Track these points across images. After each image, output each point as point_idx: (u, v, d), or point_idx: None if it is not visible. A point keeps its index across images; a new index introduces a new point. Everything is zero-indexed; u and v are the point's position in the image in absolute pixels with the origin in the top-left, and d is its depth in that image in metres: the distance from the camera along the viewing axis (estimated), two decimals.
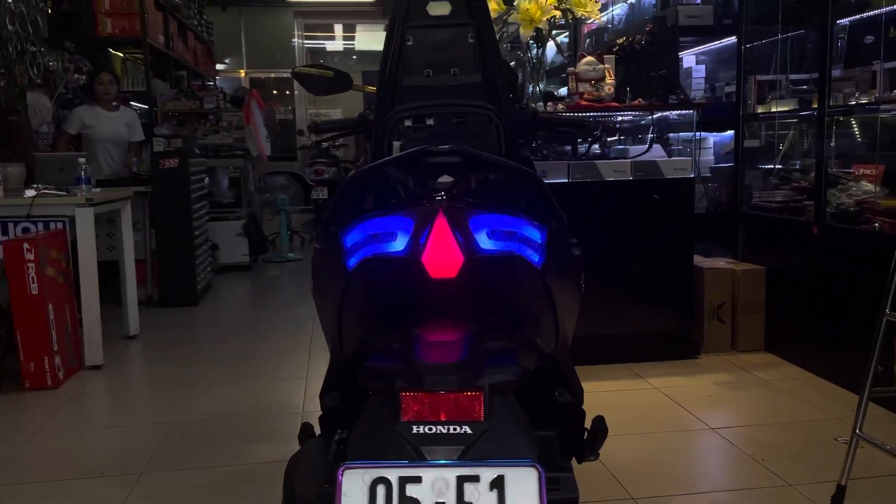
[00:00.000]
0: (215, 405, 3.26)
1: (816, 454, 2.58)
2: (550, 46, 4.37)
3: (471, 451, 0.96)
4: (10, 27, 5.00)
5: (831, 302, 3.33)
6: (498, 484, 0.92)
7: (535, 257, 1.10)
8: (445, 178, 1.10)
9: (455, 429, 0.96)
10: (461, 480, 0.93)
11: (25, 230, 3.82)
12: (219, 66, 10.50)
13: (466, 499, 0.91)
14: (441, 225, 1.03)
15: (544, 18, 3.35)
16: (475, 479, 0.93)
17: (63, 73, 5.66)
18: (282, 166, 8.76)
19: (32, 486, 2.49)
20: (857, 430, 2.08)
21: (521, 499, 0.91)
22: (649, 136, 3.95)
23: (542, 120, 1.97)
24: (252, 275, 6.62)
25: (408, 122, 1.84)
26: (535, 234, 1.10)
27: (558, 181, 3.55)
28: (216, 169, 6.54)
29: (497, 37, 2.19)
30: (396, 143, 1.88)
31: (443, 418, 0.96)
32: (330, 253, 1.12)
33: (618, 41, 4.11)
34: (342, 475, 0.92)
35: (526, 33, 3.41)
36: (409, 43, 1.84)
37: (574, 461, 1.49)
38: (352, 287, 1.07)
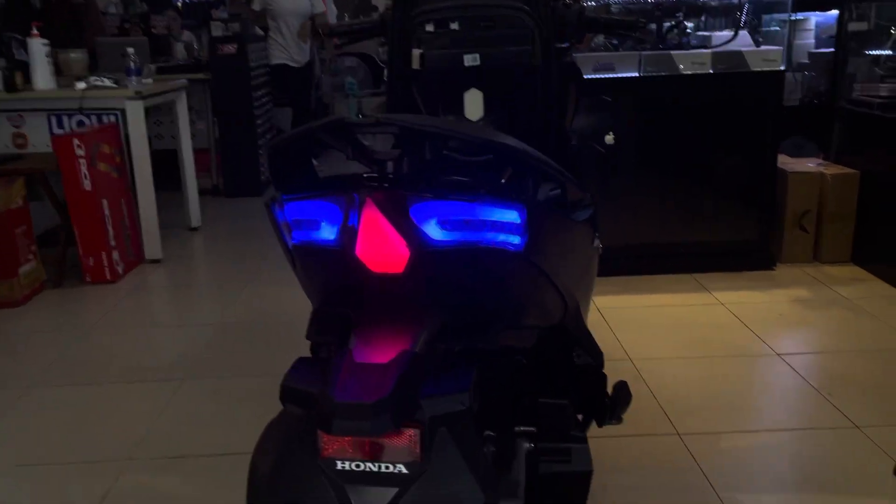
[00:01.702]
0: (265, 307, 3.24)
1: (893, 390, 2.34)
2: None
3: (406, 496, 0.81)
4: None
5: None
6: None
7: (515, 240, 0.89)
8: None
9: (388, 467, 0.80)
10: None
11: (80, 123, 3.80)
12: None
13: None
14: (371, 217, 0.84)
15: None
16: None
17: None
18: (352, 47, 8.45)
19: (78, 390, 2.54)
20: None
21: None
22: (742, 17, 3.49)
23: (588, 19, 1.69)
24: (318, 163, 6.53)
25: (429, 27, 1.61)
26: (509, 216, 0.89)
27: (628, 75, 3.21)
28: None
29: None
30: (416, 52, 1.66)
31: (371, 457, 0.81)
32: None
33: None
34: None
35: None
36: None
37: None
38: (295, 269, 0.92)
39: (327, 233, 0.88)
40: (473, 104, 1.72)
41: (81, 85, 3.71)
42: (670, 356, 2.61)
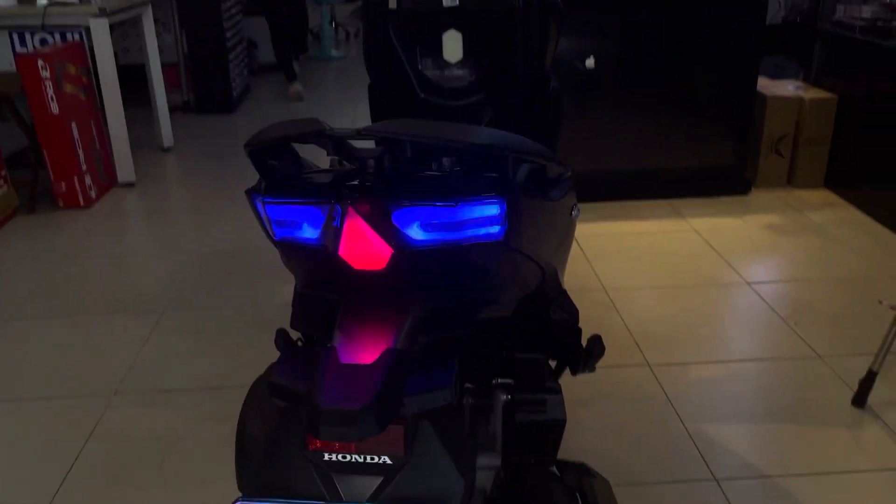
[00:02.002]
0: (243, 234, 3.23)
1: (856, 320, 2.43)
2: None
3: (390, 485, 0.85)
4: None
5: None
6: None
7: (494, 230, 0.90)
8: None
9: (373, 458, 0.84)
10: None
11: (43, 41, 3.65)
12: None
13: None
14: (353, 225, 0.84)
15: None
16: None
17: None
18: None
19: (58, 322, 2.56)
20: None
21: None
22: None
23: None
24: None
25: None
26: (489, 210, 0.89)
27: None
28: None
29: None
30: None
31: (357, 451, 0.84)
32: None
33: None
34: None
35: None
36: None
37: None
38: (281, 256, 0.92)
39: (310, 233, 0.88)
40: (452, 46, 1.69)
41: (43, 1, 3.55)
42: (644, 286, 2.67)
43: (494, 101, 1.69)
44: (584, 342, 1.38)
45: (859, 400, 2.01)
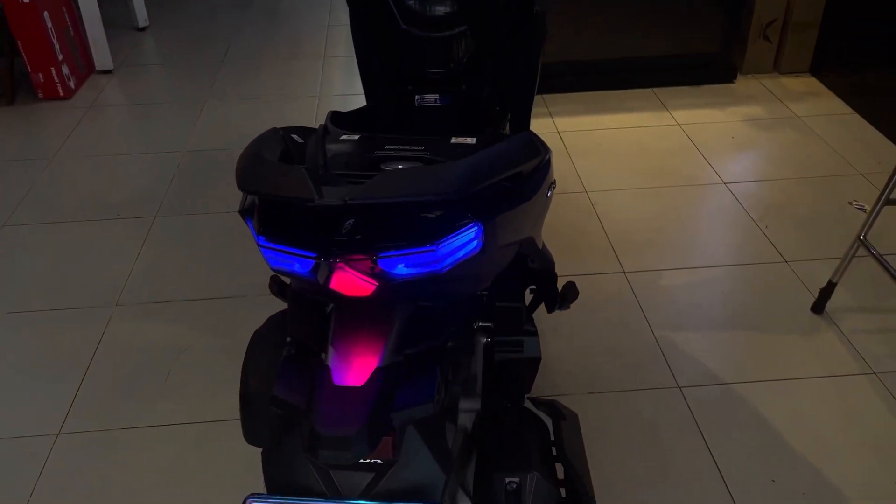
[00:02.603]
0: (227, 129, 3.23)
1: (825, 222, 2.53)
2: None
3: (381, 482, 0.97)
4: None
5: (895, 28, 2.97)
6: None
7: (473, 245, 0.96)
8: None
9: (366, 460, 0.95)
10: None
11: None
12: None
13: None
14: (342, 275, 0.90)
15: None
16: None
17: None
18: None
19: (50, 229, 2.62)
20: (862, 237, 2.00)
21: None
22: None
23: None
24: None
25: None
26: (468, 236, 0.95)
27: None
28: None
29: None
30: None
31: None
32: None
33: None
34: None
35: None
36: None
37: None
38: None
39: (300, 268, 0.94)
40: None
41: None
42: (623, 187, 2.74)
43: (477, 30, 1.68)
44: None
45: (818, 307, 2.16)
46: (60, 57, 3.46)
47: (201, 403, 1.92)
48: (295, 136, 1.19)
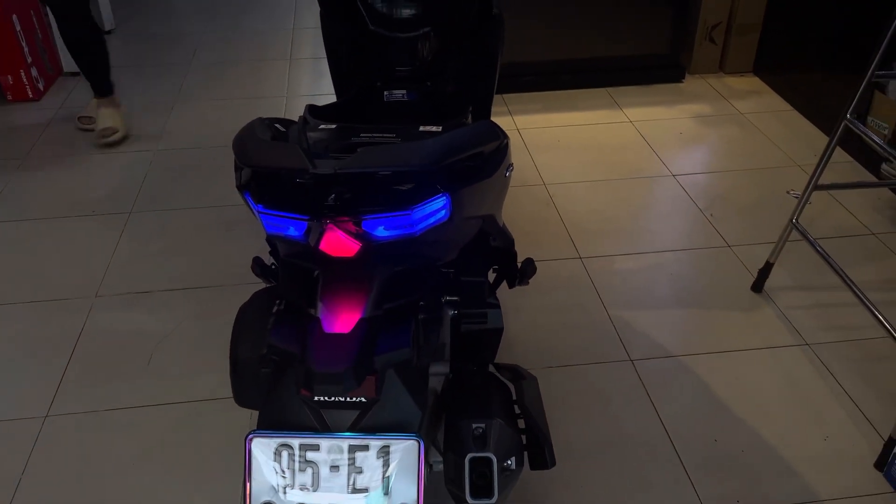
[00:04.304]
0: (197, 128, 3.32)
1: (765, 210, 2.72)
2: None
3: (364, 419, 1.11)
4: None
5: (830, 30, 3.19)
6: (384, 453, 1.08)
7: (441, 214, 1.10)
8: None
9: (351, 398, 1.09)
10: (353, 449, 1.08)
11: None
12: None
13: (357, 464, 1.08)
14: (332, 235, 1.03)
15: None
16: (365, 447, 1.08)
17: None
18: None
19: (27, 226, 2.69)
20: (794, 220, 2.18)
21: (403, 465, 1.08)
22: None
23: None
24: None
25: None
26: (437, 205, 1.09)
27: None
28: None
29: None
30: None
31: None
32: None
33: None
34: (251, 443, 1.07)
35: None
36: None
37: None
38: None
39: (295, 231, 1.07)
40: None
41: None
42: (579, 180, 2.91)
43: (441, 31, 1.82)
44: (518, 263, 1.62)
45: (757, 286, 2.34)
46: (29, 59, 3.51)
47: (184, 384, 2.03)
48: (278, 126, 1.31)
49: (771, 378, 2.04)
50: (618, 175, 2.94)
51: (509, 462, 1.19)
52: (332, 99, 1.96)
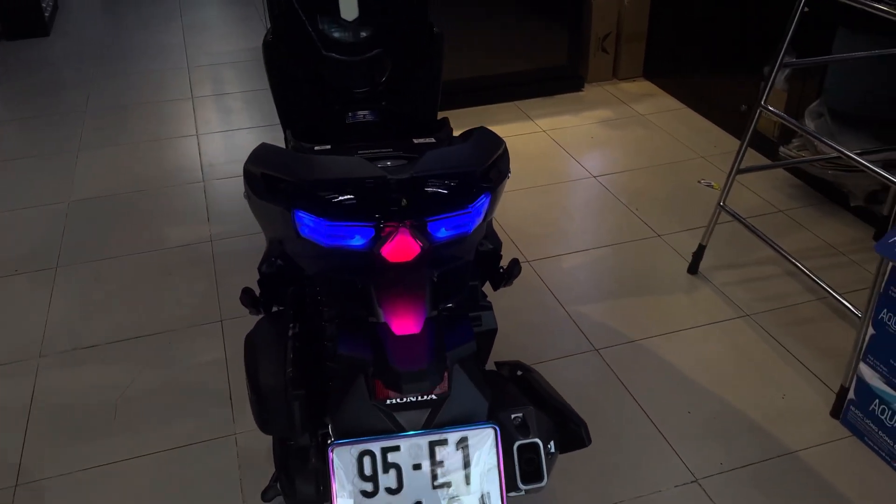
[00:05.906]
0: (105, 177, 3.19)
1: (682, 200, 2.93)
2: None
3: (437, 415, 1.14)
4: None
5: (709, 33, 3.48)
6: (463, 444, 1.12)
7: (481, 212, 1.16)
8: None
9: (422, 397, 1.12)
10: (432, 445, 1.12)
11: None
12: None
13: (438, 458, 1.11)
14: (402, 238, 1.06)
15: None
16: (444, 442, 1.11)
17: None
18: None
19: None
20: (721, 203, 2.37)
21: (482, 454, 1.13)
22: None
23: None
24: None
25: None
26: (483, 202, 1.15)
27: None
28: None
29: None
30: None
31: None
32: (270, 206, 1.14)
33: None
34: (332, 452, 1.08)
35: None
36: None
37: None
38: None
39: (360, 239, 1.09)
40: (348, 5, 1.84)
41: None
42: (511, 189, 3.02)
43: (392, 53, 1.88)
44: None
45: (693, 268, 2.52)
46: None
47: (160, 433, 1.95)
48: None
49: (723, 349, 2.20)
50: (545, 181, 3.07)
51: (550, 445, 1.24)
52: (252, 133, 1.97)
